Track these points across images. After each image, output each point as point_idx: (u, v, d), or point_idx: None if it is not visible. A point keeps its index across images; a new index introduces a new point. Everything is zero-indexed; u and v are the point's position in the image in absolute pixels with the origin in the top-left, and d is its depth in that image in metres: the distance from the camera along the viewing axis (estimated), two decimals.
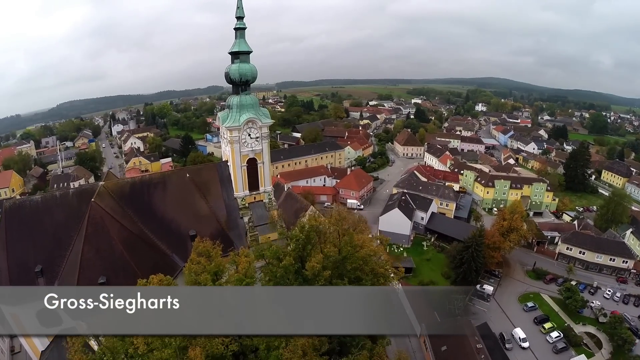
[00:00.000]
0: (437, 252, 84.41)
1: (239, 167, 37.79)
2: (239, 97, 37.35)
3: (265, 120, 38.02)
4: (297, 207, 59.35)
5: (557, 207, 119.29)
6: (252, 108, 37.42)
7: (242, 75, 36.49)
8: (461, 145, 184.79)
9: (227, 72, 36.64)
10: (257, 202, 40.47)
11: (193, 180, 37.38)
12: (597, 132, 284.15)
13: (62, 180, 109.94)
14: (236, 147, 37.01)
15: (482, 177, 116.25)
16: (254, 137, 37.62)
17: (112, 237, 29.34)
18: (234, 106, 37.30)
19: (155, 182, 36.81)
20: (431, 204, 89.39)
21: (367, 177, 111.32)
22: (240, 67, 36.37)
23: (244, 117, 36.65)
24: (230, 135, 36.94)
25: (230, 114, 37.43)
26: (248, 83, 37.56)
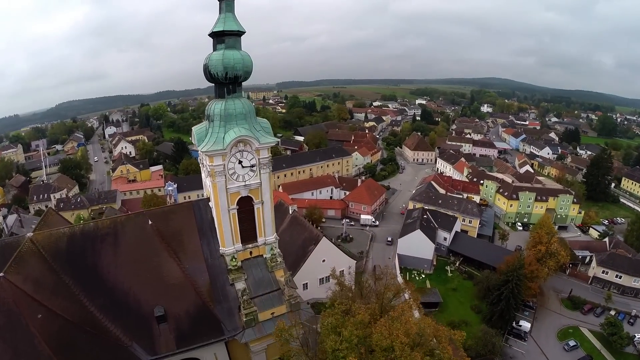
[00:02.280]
0: (463, 279, 74.04)
1: (225, 211, 24.61)
2: (224, 104, 23.69)
3: (265, 140, 24.35)
4: (305, 236, 48.93)
5: (583, 220, 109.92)
6: (244, 120, 23.86)
7: (229, 68, 22.90)
8: (473, 149, 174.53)
9: (206, 64, 23.39)
10: (255, 260, 27.30)
11: (158, 229, 24.69)
12: (606, 135, 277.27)
13: (42, 191, 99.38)
14: (219, 181, 23.63)
15: (504, 188, 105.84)
16: (247, 165, 24.21)
17: (34, 331, 18.44)
18: (216, 118, 23.84)
19: (104, 232, 23.94)
20: (455, 223, 78.88)
21: (379, 188, 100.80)
22: (226, 55, 22.71)
23: (230, 135, 23.18)
24: (211, 164, 23.46)
25: (210, 131, 23.88)
26: (238, 81, 23.91)
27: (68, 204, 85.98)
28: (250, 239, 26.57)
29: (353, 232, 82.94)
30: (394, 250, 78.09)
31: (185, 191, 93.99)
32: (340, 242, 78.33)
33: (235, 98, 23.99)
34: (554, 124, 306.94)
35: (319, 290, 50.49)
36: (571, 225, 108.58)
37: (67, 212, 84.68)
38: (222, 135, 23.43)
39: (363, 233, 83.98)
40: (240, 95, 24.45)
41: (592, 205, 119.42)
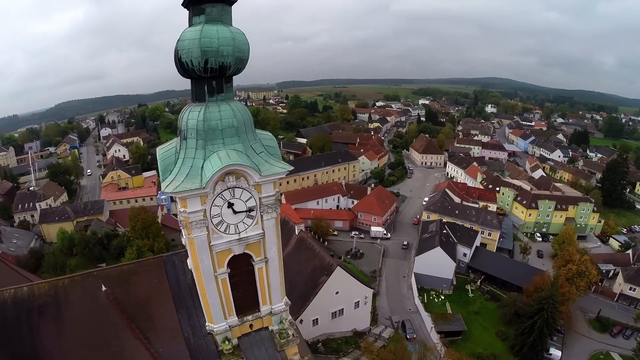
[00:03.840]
0: (485, 300, 67.18)
1: (209, 278, 15.94)
2: (202, 111, 14.59)
3: (269, 170, 15.25)
4: (315, 264, 41.96)
5: (602, 229, 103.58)
6: (235, 137, 14.98)
7: (211, 53, 13.69)
8: (482, 152, 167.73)
9: (177, 48, 14.04)
10: (258, 334, 18.25)
11: (117, 298, 17.07)
12: (613, 136, 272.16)
13: (28, 199, 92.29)
14: (199, 236, 14.94)
15: (522, 196, 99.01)
16: (242, 209, 15.38)
17: None
18: (191, 134, 14.77)
19: (42, 302, 16.49)
20: (476, 238, 72.04)
21: (390, 196, 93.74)
22: (207, 33, 13.61)
23: (213, 165, 14.21)
24: (183, 209, 14.52)
25: (182, 156, 14.89)
26: (226, 74, 14.71)
27: (52, 215, 78.92)
28: (249, 308, 17.66)
29: (363, 247, 76.07)
30: (408, 267, 71.30)
31: None
32: (350, 258, 71.55)
33: (223, 102, 14.52)
34: (560, 125, 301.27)
35: (330, 325, 43.90)
36: (590, 235, 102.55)
37: (51, 225, 77.90)
38: (199, 164, 14.12)
39: (374, 247, 77.08)
40: (230, 97, 14.95)
41: (607, 212, 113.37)
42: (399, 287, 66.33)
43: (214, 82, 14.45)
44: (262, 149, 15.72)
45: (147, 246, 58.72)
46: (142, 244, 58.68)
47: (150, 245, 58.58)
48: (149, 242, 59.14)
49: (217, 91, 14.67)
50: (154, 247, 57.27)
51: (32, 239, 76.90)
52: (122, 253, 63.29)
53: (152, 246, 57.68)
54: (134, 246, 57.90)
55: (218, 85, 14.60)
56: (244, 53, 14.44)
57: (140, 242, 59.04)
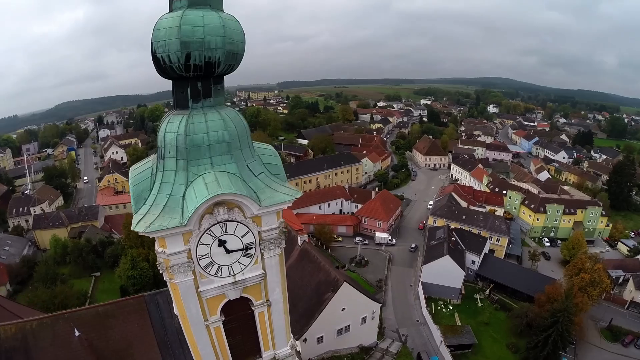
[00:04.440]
0: (495, 310, 64.58)
1: (198, 327, 12.52)
2: (184, 122, 10.84)
3: (271, 199, 11.56)
4: (320, 279, 39.35)
5: (610, 233, 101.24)
6: (227, 154, 11.26)
7: (194, 44, 10.00)
8: (486, 153, 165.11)
9: (152, 41, 10.25)
10: None
11: (92, 345, 14.72)
12: (616, 136, 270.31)
13: (23, 204, 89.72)
14: (183, 282, 11.39)
15: (530, 200, 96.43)
16: (236, 248, 11.77)
17: None
18: (169, 151, 11.05)
19: (8, 347, 14.23)
20: (485, 245, 69.47)
21: (395, 200, 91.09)
22: (189, 19, 9.92)
23: (198, 195, 10.48)
24: (161, 249, 10.96)
25: (159, 179, 11.24)
26: (215, 73, 11.03)
27: (45, 221, 76.33)
28: (249, 355, 14.70)
29: (367, 253, 73.44)
30: (415, 276, 68.72)
31: None
32: (354, 266, 68.95)
33: (210, 109, 11.27)
34: (563, 125, 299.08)
35: (336, 341, 41.33)
36: (598, 239, 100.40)
37: (45, 231, 75.36)
38: (180, 192, 10.77)
39: (379, 254, 74.44)
40: (220, 102, 11.75)
41: (614, 215, 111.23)
42: (406, 296, 63.75)
43: (200, 83, 10.94)
44: (262, 169, 12.07)
45: (143, 255, 56.06)
46: (137, 253, 56.01)
47: (145, 254, 55.87)
48: (144, 251, 56.43)
49: (204, 95, 11.16)
50: (149, 256, 54.56)
51: (26, 246, 74.42)
52: (116, 262, 60.72)
53: (148, 255, 54.98)
54: (128, 255, 55.25)
55: (205, 87, 11.09)
56: (238, 45, 10.84)
57: (134, 251, 56.36)
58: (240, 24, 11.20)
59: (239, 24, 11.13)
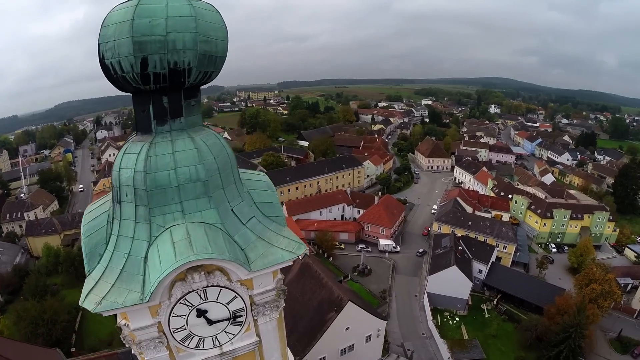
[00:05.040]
0: (502, 321, 62.41)
1: None
2: (142, 154, 7.78)
3: (262, 263, 8.35)
4: (322, 297, 37.06)
5: (617, 238, 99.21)
6: (203, 196, 8.15)
7: (153, 46, 7.10)
8: (489, 155, 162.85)
9: (99, 42, 7.42)
10: None
11: None
12: (618, 137, 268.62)
13: (16, 208, 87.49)
14: (154, 359, 8.34)
15: (537, 205, 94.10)
16: (221, 317, 8.65)
17: None
18: (126, 193, 7.94)
19: None
20: (493, 253, 67.25)
21: (398, 205, 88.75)
22: (145, 9, 7.08)
23: (160, 264, 7.34)
24: (124, 322, 8.05)
25: (114, 239, 8.18)
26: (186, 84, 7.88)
27: (38, 227, 73.98)
28: None
29: (370, 262, 71.14)
30: (420, 285, 66.50)
31: None
32: (357, 275, 66.70)
33: (182, 134, 8.31)
34: (565, 125, 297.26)
35: None
36: (605, 245, 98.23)
37: (37, 238, 73.08)
38: (141, 251, 7.85)
39: (382, 262, 72.15)
40: (195, 122, 8.77)
41: (620, 219, 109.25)
42: (411, 307, 61.55)
43: (165, 98, 7.98)
44: (252, 211, 9.08)
45: None
46: None
47: None
48: None
49: (172, 114, 8.13)
50: None
51: (18, 254, 72.14)
52: None
53: None
54: None
55: (173, 103, 8.07)
56: (217, 45, 8.00)
57: None
58: (220, 15, 8.25)
59: (219, 15, 8.23)
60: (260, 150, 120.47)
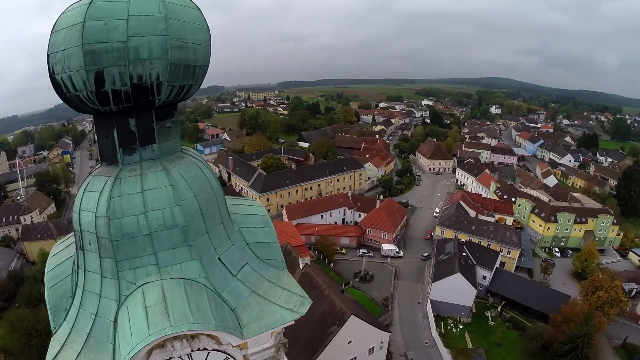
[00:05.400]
0: (507, 329, 61.18)
1: None
2: (105, 194, 6.25)
3: (257, 327, 6.88)
4: (323, 309, 35.83)
5: (621, 242, 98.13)
6: (183, 247, 6.65)
7: (110, 55, 5.55)
8: (491, 156, 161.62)
9: (49, 53, 6.05)
10: None
11: None
12: (620, 138, 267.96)
13: (13, 212, 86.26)
14: None
15: (540, 209, 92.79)
16: None
17: None
18: (88, 245, 6.50)
19: None
20: (497, 259, 66.03)
21: (401, 209, 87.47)
22: (98, 8, 5.54)
23: (131, 335, 5.72)
24: None
25: (79, 294, 6.80)
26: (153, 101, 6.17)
27: (34, 232, 72.74)
28: None
29: (372, 267, 69.87)
30: (423, 291, 65.28)
31: None
32: (359, 281, 65.46)
33: (154, 164, 6.65)
34: (566, 126, 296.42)
35: None
36: (609, 249, 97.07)
37: (33, 243, 71.83)
38: (109, 314, 6.38)
39: (384, 268, 70.88)
40: (172, 149, 7.10)
41: (624, 222, 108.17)
42: (414, 315, 60.29)
43: (133, 120, 6.39)
44: (245, 256, 7.63)
45: None
46: None
47: None
48: None
49: (142, 141, 6.58)
50: None
51: (14, 259, 71.01)
52: None
53: None
54: None
55: (142, 127, 6.49)
56: (196, 50, 6.37)
57: None
58: (200, 13, 6.59)
59: (199, 13, 6.56)
60: (260, 152, 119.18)
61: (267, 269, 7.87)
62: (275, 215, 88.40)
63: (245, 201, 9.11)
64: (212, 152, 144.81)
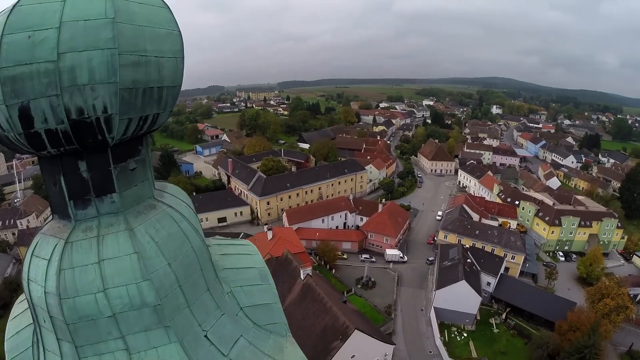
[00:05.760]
0: (512, 336, 60.04)
1: None
2: (54, 264, 4.53)
3: None
4: (326, 323, 34.59)
5: (625, 245, 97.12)
6: (158, 328, 5.01)
7: (36, 82, 3.84)
8: (493, 157, 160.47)
9: None
10: None
11: None
12: (621, 138, 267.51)
13: (9, 216, 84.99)
14: None
15: (544, 212, 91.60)
16: None
17: None
18: (42, 321, 4.84)
19: None
20: (502, 265, 64.80)
21: (403, 213, 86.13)
22: (22, 14, 3.87)
23: None
24: None
25: None
26: (104, 141, 4.35)
27: (29, 237, 71.52)
28: None
29: (374, 273, 68.54)
30: (426, 298, 64.02)
31: None
32: (361, 288, 64.17)
33: (114, 220, 4.94)
34: (567, 127, 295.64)
35: None
36: (613, 252, 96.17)
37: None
38: None
39: (387, 274, 69.58)
40: (139, 196, 5.31)
41: (628, 225, 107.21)
42: (417, 323, 59.07)
43: (84, 164, 4.71)
44: (239, 326, 6.24)
45: None
46: None
47: None
48: None
49: (97, 190, 4.88)
50: None
51: (10, 264, 69.75)
52: None
53: None
54: None
55: (96, 171, 4.80)
56: (160, 66, 4.58)
57: None
58: (168, 12, 4.95)
59: (168, 13, 4.91)
60: (260, 154, 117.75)
61: (267, 338, 6.37)
62: (276, 219, 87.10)
63: (237, 247, 7.40)
64: (212, 154, 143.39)
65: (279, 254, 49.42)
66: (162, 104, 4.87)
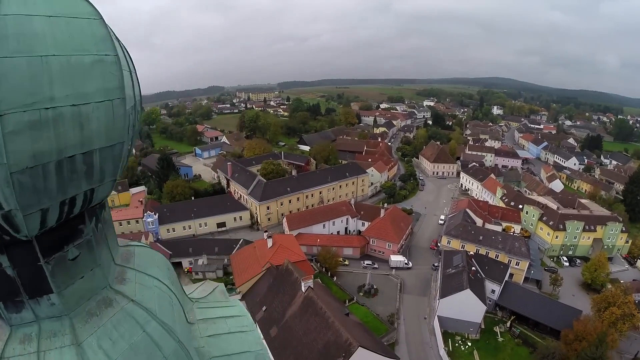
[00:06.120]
0: (516, 345, 58.84)
1: None
2: None
3: None
4: (328, 338, 33.37)
5: (629, 249, 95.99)
6: None
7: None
8: (495, 159, 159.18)
9: None
10: None
11: None
12: (623, 139, 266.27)
13: None
14: None
15: (549, 216, 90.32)
16: None
17: None
18: None
19: None
20: (507, 272, 63.59)
21: (405, 217, 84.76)
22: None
23: None
24: None
25: None
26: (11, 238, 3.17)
27: None
28: None
29: (377, 280, 67.21)
30: (429, 306, 62.82)
31: (169, 222, 77.68)
32: (363, 296, 62.94)
33: (58, 328, 3.75)
34: (569, 127, 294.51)
35: None
36: (617, 257, 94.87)
37: None
38: None
39: (389, 281, 68.30)
40: (94, 289, 4.11)
41: (631, 228, 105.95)
42: (420, 332, 57.84)
43: (5, 258, 3.42)
44: None
45: None
46: None
47: None
48: None
49: (30, 291, 3.65)
50: None
51: None
52: None
53: None
54: None
55: (23, 267, 3.53)
56: (87, 120, 3.13)
57: None
58: (102, 27, 3.39)
59: (100, 27, 3.36)
60: (260, 157, 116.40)
61: None
62: (276, 224, 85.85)
63: (228, 319, 5.84)
64: (211, 156, 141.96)
65: (280, 262, 48.29)
66: (96, 176, 3.43)
